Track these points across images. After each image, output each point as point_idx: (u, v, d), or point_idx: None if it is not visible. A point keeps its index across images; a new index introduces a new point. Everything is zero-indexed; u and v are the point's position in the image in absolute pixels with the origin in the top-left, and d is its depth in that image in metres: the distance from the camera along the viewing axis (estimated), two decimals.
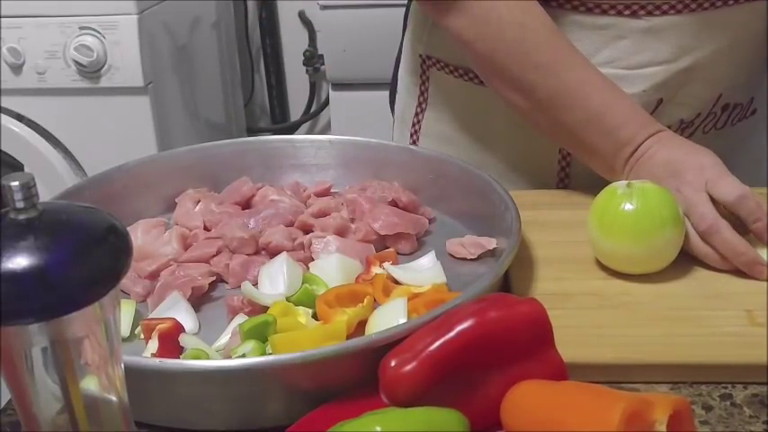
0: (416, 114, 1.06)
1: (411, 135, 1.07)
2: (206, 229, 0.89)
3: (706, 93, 0.92)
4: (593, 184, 0.84)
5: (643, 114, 0.85)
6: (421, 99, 1.05)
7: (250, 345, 0.67)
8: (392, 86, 1.14)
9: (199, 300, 0.79)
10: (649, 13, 0.87)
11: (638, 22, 0.87)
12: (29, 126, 1.84)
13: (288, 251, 0.82)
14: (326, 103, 2.37)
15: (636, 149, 0.83)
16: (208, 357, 0.67)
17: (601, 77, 0.85)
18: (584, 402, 0.54)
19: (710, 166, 0.79)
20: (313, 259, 0.82)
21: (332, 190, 0.96)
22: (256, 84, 2.54)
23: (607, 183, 0.79)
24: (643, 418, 0.51)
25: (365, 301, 0.73)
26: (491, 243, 0.82)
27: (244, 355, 0.66)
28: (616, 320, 0.71)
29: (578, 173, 0.96)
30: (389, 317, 0.69)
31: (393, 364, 0.57)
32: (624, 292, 0.75)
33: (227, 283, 0.81)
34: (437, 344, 0.57)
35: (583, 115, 0.84)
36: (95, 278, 0.42)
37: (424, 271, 0.80)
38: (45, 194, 0.58)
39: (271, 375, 0.61)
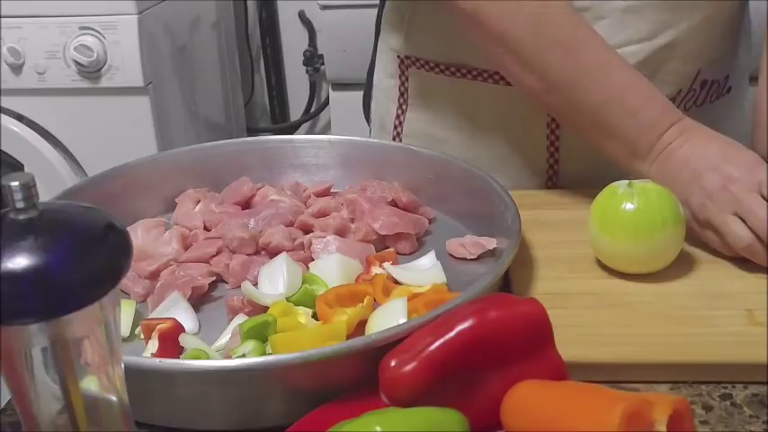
0: (397, 117, 1.05)
1: (393, 138, 1.06)
2: (206, 229, 0.89)
3: (685, 69, 0.93)
4: (584, 175, 0.84)
5: (663, 98, 0.84)
6: (401, 101, 1.04)
7: (250, 345, 0.67)
8: (366, 95, 1.13)
9: (199, 300, 0.79)
10: None
11: (617, 2, 0.88)
12: (29, 126, 1.84)
13: (288, 251, 0.82)
14: (326, 103, 2.37)
15: (662, 135, 0.82)
16: (208, 357, 0.67)
17: (619, 57, 0.84)
18: (584, 402, 0.54)
19: (759, 163, 0.78)
20: (313, 259, 0.82)
21: (332, 190, 0.96)
22: (256, 84, 2.54)
23: (594, 174, 0.79)
24: (643, 418, 0.51)
25: (365, 301, 0.73)
26: (491, 243, 0.82)
27: (244, 355, 0.66)
28: (616, 320, 0.71)
29: (567, 160, 0.96)
30: (389, 317, 0.69)
31: (393, 364, 0.58)
32: (624, 291, 0.75)
33: (227, 283, 0.81)
34: (437, 344, 0.57)
35: (603, 96, 0.83)
36: (95, 278, 0.42)
37: (424, 271, 0.80)
38: (45, 194, 0.58)
39: (271, 375, 0.61)
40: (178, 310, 0.75)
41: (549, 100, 0.87)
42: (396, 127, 1.06)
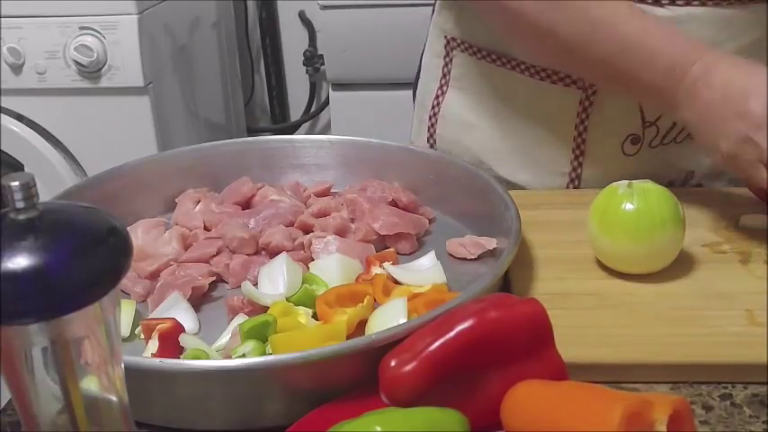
0: (437, 97, 1.06)
1: (429, 118, 1.07)
2: (206, 229, 0.89)
3: None
4: (607, 181, 0.84)
5: (684, 37, 0.82)
6: (443, 81, 1.05)
7: (250, 345, 0.67)
8: (417, 76, 1.15)
9: (199, 300, 0.79)
10: (672, 3, 0.86)
11: (660, 11, 0.87)
12: (29, 126, 1.84)
13: (288, 251, 0.82)
14: (326, 103, 2.37)
15: (685, 75, 0.79)
16: (208, 357, 0.67)
17: (632, 7, 0.83)
18: (584, 402, 0.54)
19: None
20: (313, 259, 0.82)
21: (332, 190, 0.96)
22: (256, 84, 2.54)
23: (613, 180, 0.79)
24: (643, 418, 0.51)
25: (365, 301, 0.73)
26: (491, 243, 0.82)
27: (244, 355, 0.66)
28: (616, 320, 0.71)
29: (592, 163, 0.96)
30: (389, 317, 0.69)
31: (393, 364, 0.58)
32: (624, 291, 0.75)
33: (227, 283, 0.81)
34: (437, 344, 0.57)
35: (615, 47, 0.82)
36: (95, 278, 0.42)
37: (424, 271, 0.80)
38: (45, 194, 0.58)
39: (271, 375, 0.61)
40: (178, 310, 0.75)
41: (564, 59, 0.87)
42: (434, 107, 1.07)
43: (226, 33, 2.28)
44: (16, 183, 0.42)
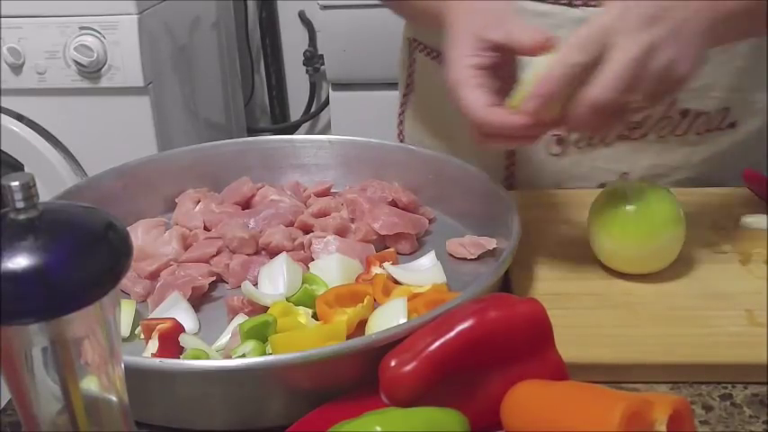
0: (405, 95, 1.09)
1: (398, 115, 1.10)
2: (206, 229, 0.89)
3: None
4: (536, 176, 0.83)
5: None
6: (408, 81, 1.08)
7: (250, 345, 0.67)
8: None
9: (199, 300, 0.79)
10: (585, 4, 0.86)
11: (574, 12, 0.86)
12: (29, 126, 1.84)
13: (288, 251, 0.82)
14: (326, 103, 2.37)
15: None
16: (208, 357, 0.67)
17: None
18: (584, 402, 0.54)
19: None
20: (313, 259, 0.82)
21: (332, 190, 0.96)
22: (256, 84, 2.54)
23: (548, 180, 0.79)
24: (643, 418, 0.51)
25: (365, 301, 0.73)
26: (491, 243, 0.82)
27: (244, 355, 0.66)
28: (616, 320, 0.71)
29: (523, 158, 0.97)
30: (389, 317, 0.69)
31: (393, 364, 0.58)
32: (624, 291, 0.75)
33: (227, 283, 0.81)
34: (437, 344, 0.57)
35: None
36: (95, 278, 0.42)
37: (424, 271, 0.80)
38: (45, 194, 0.58)
39: (271, 375, 0.61)
40: (178, 310, 0.75)
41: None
42: (402, 104, 1.09)
43: (226, 33, 2.28)
44: (16, 183, 0.42)
